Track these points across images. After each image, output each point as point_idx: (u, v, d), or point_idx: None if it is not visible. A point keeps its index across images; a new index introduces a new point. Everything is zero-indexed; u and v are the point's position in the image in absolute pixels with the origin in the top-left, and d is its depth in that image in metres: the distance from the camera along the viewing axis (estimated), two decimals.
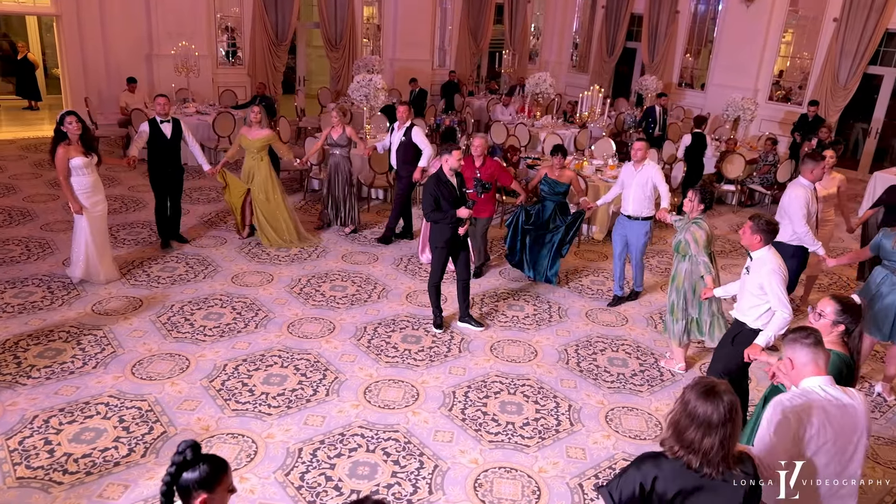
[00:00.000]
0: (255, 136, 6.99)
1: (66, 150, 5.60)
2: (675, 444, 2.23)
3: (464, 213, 5.38)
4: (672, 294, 5.15)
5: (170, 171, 6.80)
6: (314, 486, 3.81)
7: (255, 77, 12.95)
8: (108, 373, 4.77)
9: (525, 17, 16.93)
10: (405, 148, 7.36)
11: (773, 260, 3.99)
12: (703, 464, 2.19)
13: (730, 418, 2.17)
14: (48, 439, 4.04)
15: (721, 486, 2.21)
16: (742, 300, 4.21)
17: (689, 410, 2.21)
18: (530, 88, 11.52)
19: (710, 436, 2.16)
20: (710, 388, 2.22)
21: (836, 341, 3.09)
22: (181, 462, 2.05)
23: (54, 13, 11.00)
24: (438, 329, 5.69)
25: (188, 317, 5.64)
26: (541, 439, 4.38)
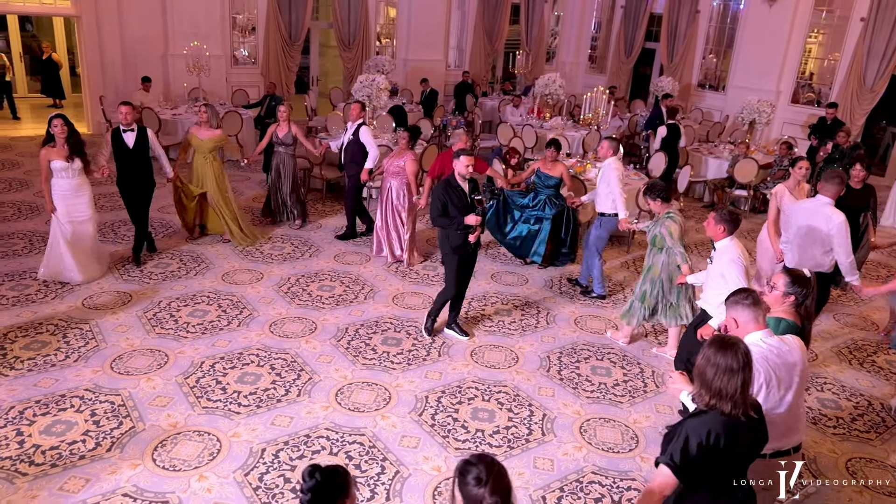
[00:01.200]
0: (205, 137, 6.91)
1: (48, 151, 5.69)
2: (706, 395, 2.51)
3: (472, 219, 5.15)
4: (646, 284, 5.40)
5: (136, 183, 6.40)
6: (271, 488, 3.81)
7: (269, 77, 13.07)
8: (88, 367, 4.85)
9: (542, 18, 16.79)
10: (353, 147, 7.38)
11: (734, 250, 4.27)
12: (731, 407, 2.47)
13: (746, 363, 2.50)
14: (20, 430, 4.12)
15: (745, 426, 2.51)
16: (707, 289, 4.48)
17: (712, 362, 2.50)
18: (539, 89, 11.40)
19: (734, 379, 2.47)
20: (725, 341, 2.55)
21: (788, 311, 3.40)
22: (316, 486, 2.06)
23: (74, 14, 11.25)
24: (428, 335, 5.60)
25: (174, 313, 5.71)
26: (509, 448, 4.32)
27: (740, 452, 2.54)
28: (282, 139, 7.46)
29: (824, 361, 5.77)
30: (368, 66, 12.68)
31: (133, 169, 6.34)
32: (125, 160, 6.30)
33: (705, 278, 4.53)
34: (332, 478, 2.09)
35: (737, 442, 2.50)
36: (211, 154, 6.96)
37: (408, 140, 7.02)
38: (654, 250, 5.34)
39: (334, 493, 2.08)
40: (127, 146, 6.26)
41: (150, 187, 6.52)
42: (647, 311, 5.41)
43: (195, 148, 6.98)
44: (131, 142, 6.27)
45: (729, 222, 4.28)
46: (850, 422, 4.89)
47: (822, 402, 5.13)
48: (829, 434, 4.72)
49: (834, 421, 4.89)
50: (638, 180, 8.27)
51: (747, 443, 2.55)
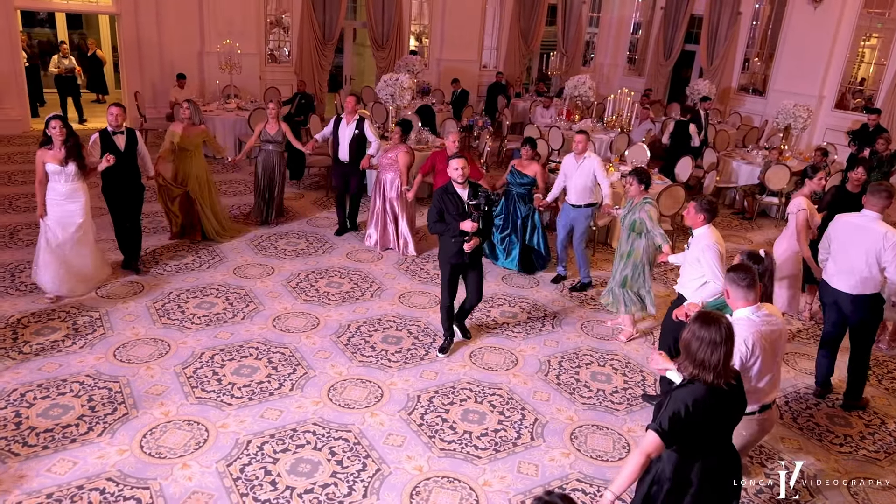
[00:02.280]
0: (192, 133, 6.89)
1: (44, 154, 5.44)
2: (690, 366, 2.72)
3: (467, 226, 4.89)
4: (627, 269, 5.59)
5: (126, 188, 6.17)
6: (251, 479, 3.84)
7: (302, 75, 13.26)
8: (93, 353, 4.98)
9: (579, 19, 16.58)
10: (358, 142, 7.45)
11: (710, 237, 4.45)
12: (714, 377, 2.67)
13: (728, 336, 2.69)
14: (19, 412, 4.26)
15: (727, 395, 2.74)
16: (684, 274, 4.69)
17: (697, 336, 2.70)
18: (569, 91, 11.25)
19: (717, 352, 2.66)
20: (708, 316, 2.75)
21: None
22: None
23: (115, 12, 11.63)
24: (442, 353, 5.31)
25: (182, 304, 5.83)
26: (495, 451, 4.25)
27: (723, 417, 2.79)
28: (272, 136, 7.51)
29: (841, 375, 5.51)
30: (399, 65, 12.74)
31: (124, 172, 6.07)
32: (116, 163, 5.89)
33: (682, 265, 4.77)
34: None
35: (719, 408, 2.74)
36: (196, 149, 6.96)
37: (400, 134, 7.20)
38: (632, 235, 5.53)
39: None
40: (119, 149, 6.01)
41: (141, 190, 6.34)
42: (634, 296, 5.61)
43: (178, 145, 6.87)
44: (122, 144, 6.04)
45: (708, 211, 4.51)
46: (860, 440, 4.66)
47: (832, 419, 4.89)
48: (833, 451, 4.50)
49: (841, 438, 4.66)
50: (661, 184, 8.07)
51: (729, 409, 2.79)
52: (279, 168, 7.70)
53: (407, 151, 7.12)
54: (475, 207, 4.92)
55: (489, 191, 5.00)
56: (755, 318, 3.25)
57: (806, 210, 5.40)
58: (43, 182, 5.51)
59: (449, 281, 5.19)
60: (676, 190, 7.80)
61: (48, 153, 5.45)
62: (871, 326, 4.85)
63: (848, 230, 4.75)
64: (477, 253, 5.13)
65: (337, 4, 13.14)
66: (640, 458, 2.71)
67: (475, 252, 5.08)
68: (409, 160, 7.14)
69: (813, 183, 5.73)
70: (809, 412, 4.97)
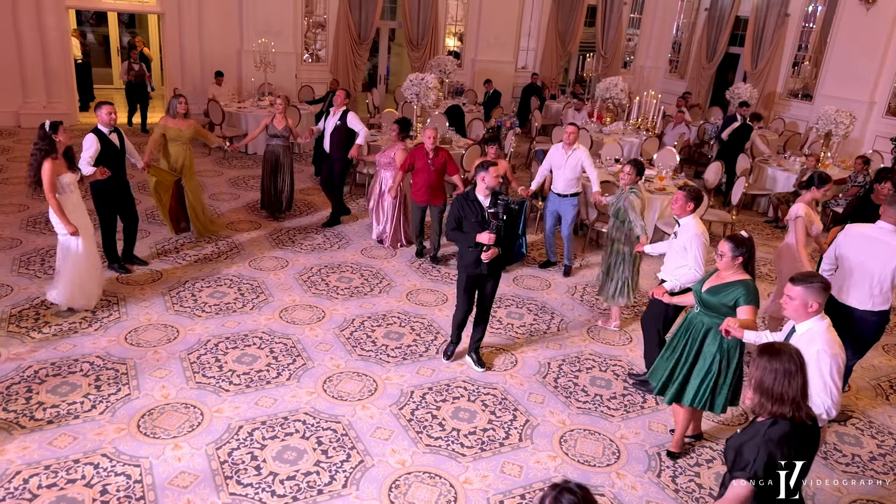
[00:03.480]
0: (184, 127, 6.90)
1: (54, 164, 5.05)
2: (767, 402, 2.51)
3: (484, 237, 4.69)
4: (610, 257, 5.73)
5: (120, 186, 6.11)
6: (237, 463, 3.96)
7: (338, 74, 13.48)
8: (106, 336, 5.20)
9: (620, 20, 16.33)
10: (339, 132, 7.63)
11: (697, 226, 4.61)
12: (793, 410, 2.49)
13: (801, 365, 2.53)
14: (31, 387, 4.48)
15: (807, 427, 2.54)
16: (668, 262, 4.81)
17: (769, 368, 2.52)
18: (600, 93, 11.11)
19: (794, 381, 2.49)
20: (773, 347, 2.58)
21: (740, 271, 3.86)
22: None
23: (159, 11, 12.07)
24: (446, 359, 5.25)
25: (195, 293, 6.02)
26: (480, 450, 4.26)
27: (806, 458, 2.54)
28: (280, 132, 7.65)
29: (857, 394, 5.31)
30: (431, 65, 12.82)
31: (121, 170, 6.05)
32: (115, 161, 5.90)
33: (667, 250, 4.90)
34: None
35: (802, 447, 2.52)
36: (188, 143, 6.98)
37: (398, 132, 7.26)
38: (616, 223, 5.66)
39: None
40: (116, 147, 5.95)
41: (129, 187, 6.32)
42: (621, 284, 5.72)
43: (172, 139, 6.87)
44: (118, 142, 5.99)
45: (697, 199, 4.67)
46: (868, 461, 4.48)
47: (841, 437, 4.72)
48: (838, 471, 4.34)
49: (849, 458, 4.49)
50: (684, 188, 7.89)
51: (810, 447, 2.57)
52: (286, 162, 7.82)
53: (404, 150, 7.20)
54: (493, 216, 4.71)
55: (509, 198, 4.78)
56: (830, 326, 3.19)
57: (804, 217, 5.18)
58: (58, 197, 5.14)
59: (465, 291, 5.00)
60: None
61: (58, 163, 5.11)
62: (869, 344, 4.66)
63: (860, 242, 4.56)
64: (496, 264, 4.90)
65: (373, 5, 13.30)
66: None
67: (494, 263, 4.87)
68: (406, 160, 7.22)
69: (817, 192, 5.41)
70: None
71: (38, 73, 10.98)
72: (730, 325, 3.62)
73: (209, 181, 9.40)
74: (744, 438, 2.61)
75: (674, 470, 4.23)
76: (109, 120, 5.85)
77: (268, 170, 7.86)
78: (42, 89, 11.07)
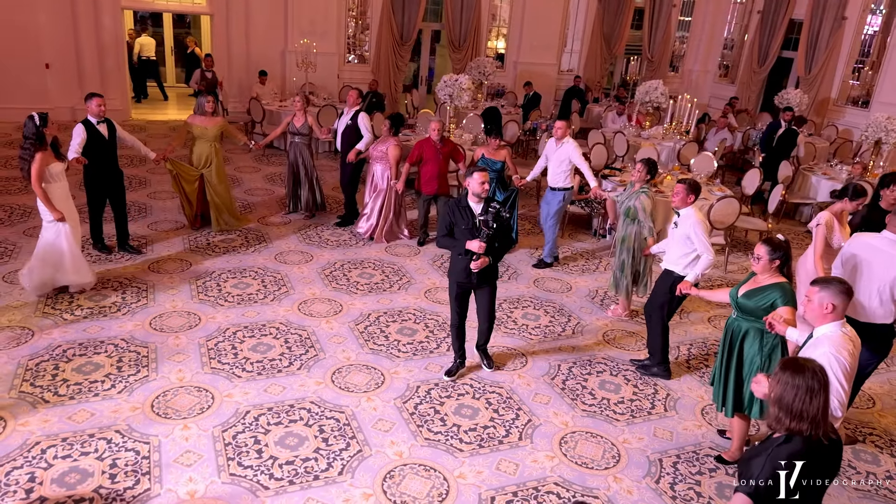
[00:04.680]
0: (209, 124, 7.06)
1: (44, 156, 5.32)
2: (786, 418, 2.47)
3: (474, 245, 4.52)
4: (623, 254, 5.92)
5: (110, 175, 6.38)
6: (240, 446, 4.10)
7: (379, 75, 13.69)
8: (133, 320, 5.46)
9: (668, 23, 16.03)
10: (350, 132, 7.77)
11: (696, 215, 4.88)
12: (811, 428, 2.45)
13: (824, 383, 2.48)
14: (58, 365, 4.75)
15: (827, 449, 2.50)
16: (671, 252, 5.04)
17: (791, 384, 2.47)
18: (639, 97, 10.95)
19: (816, 399, 2.44)
20: (797, 363, 2.54)
21: (776, 274, 3.90)
22: None
23: (209, 12, 12.53)
24: (448, 377, 5.00)
25: (221, 283, 6.25)
26: (478, 447, 4.29)
27: (820, 477, 2.49)
28: (298, 129, 7.79)
29: (881, 411, 5.10)
30: (470, 67, 12.88)
31: (108, 159, 6.30)
32: (102, 151, 6.17)
33: (668, 241, 5.13)
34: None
35: (818, 467, 2.47)
36: (214, 140, 7.11)
37: (389, 127, 7.44)
38: (626, 221, 5.85)
39: None
40: (103, 137, 6.21)
41: (122, 176, 6.57)
42: (631, 279, 5.93)
43: (198, 136, 7.08)
44: (106, 132, 6.24)
45: (697, 191, 4.95)
46: (883, 479, 4.30)
47: (857, 454, 4.54)
48: (849, 487, 4.19)
49: (863, 475, 4.33)
50: (720, 195, 7.72)
51: (828, 467, 2.52)
52: (307, 160, 7.96)
53: (396, 145, 7.39)
54: (483, 224, 4.53)
55: (500, 209, 4.55)
56: (846, 331, 3.15)
57: (824, 226, 4.98)
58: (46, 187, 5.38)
59: (455, 299, 4.86)
60: (733, 202, 7.44)
61: (48, 155, 5.38)
62: (875, 362, 4.46)
63: (864, 251, 4.39)
64: (486, 274, 4.71)
65: (416, 6, 13.46)
66: None
67: (484, 273, 4.68)
68: (399, 153, 7.41)
69: (849, 204, 5.15)
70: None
71: (95, 71, 11.56)
72: (775, 319, 3.66)
73: (247, 177, 9.71)
74: (755, 452, 2.60)
75: (674, 477, 4.16)
76: (99, 111, 6.14)
77: (290, 167, 8.04)
78: (97, 86, 11.62)
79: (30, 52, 10.99)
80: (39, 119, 5.32)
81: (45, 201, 5.38)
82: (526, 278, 6.97)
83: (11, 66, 10.81)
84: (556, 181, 7.03)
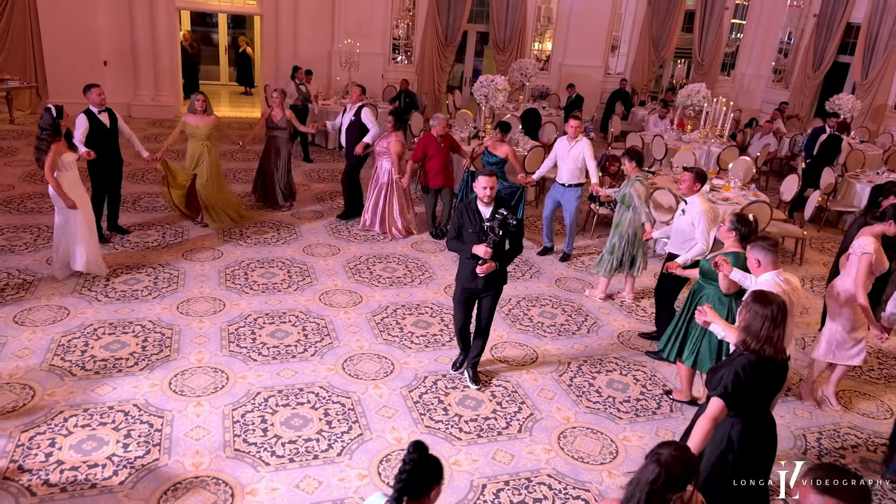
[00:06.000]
0: (200, 123, 7.08)
1: (58, 146, 5.58)
2: (752, 341, 3.01)
3: (480, 250, 4.44)
4: (615, 238, 6.25)
5: (111, 162, 6.62)
6: (248, 424, 4.29)
7: (423, 75, 13.88)
8: (161, 304, 5.75)
9: (720, 26, 15.66)
10: (355, 128, 7.84)
11: (702, 203, 5.19)
12: (770, 349, 2.99)
13: (784, 315, 3.02)
14: (88, 342, 5.06)
15: (781, 368, 3.08)
16: (675, 237, 5.39)
17: (760, 314, 3.00)
18: (681, 100, 10.76)
19: (778, 328, 2.98)
20: (765, 296, 3.08)
21: (736, 244, 4.37)
22: (416, 460, 2.11)
23: (259, 12, 12.97)
24: (454, 370, 5.08)
25: (248, 272, 6.50)
26: (477, 436, 4.36)
27: (771, 387, 3.10)
28: (277, 123, 7.89)
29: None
30: (512, 69, 12.91)
31: (110, 148, 6.52)
32: (103, 140, 6.38)
33: (674, 227, 5.46)
34: (434, 462, 2.17)
35: (770, 378, 3.05)
36: (208, 140, 7.15)
37: (394, 122, 7.53)
38: (622, 208, 6.18)
39: (430, 477, 2.15)
40: (105, 126, 6.44)
41: (121, 163, 6.84)
42: (616, 263, 6.25)
43: (190, 135, 7.13)
44: (107, 121, 6.48)
45: (703, 179, 5.26)
46: (892, 490, 4.15)
47: (866, 463, 4.40)
48: None
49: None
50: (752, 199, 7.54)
51: (777, 380, 3.09)
52: (283, 153, 8.04)
53: (398, 140, 7.51)
54: (490, 229, 4.41)
55: (507, 215, 4.39)
56: (779, 280, 3.69)
57: (871, 254, 4.53)
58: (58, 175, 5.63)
59: (460, 302, 4.82)
60: (763, 207, 7.27)
61: (62, 145, 5.66)
62: None
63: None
64: (493, 279, 4.63)
65: (461, 8, 13.59)
66: (708, 424, 2.98)
67: (491, 278, 4.61)
68: (401, 148, 7.52)
69: (892, 227, 4.70)
70: (842, 451, 4.51)
71: (149, 69, 12.13)
72: (721, 260, 4.18)
73: None
74: (720, 366, 3.18)
75: None
76: (99, 100, 6.40)
77: (266, 159, 8.09)
78: (151, 83, 12.22)
79: (90, 50, 11.63)
80: (56, 111, 5.57)
81: (57, 190, 5.62)
82: (548, 277, 6.99)
83: (73, 63, 11.46)
84: (572, 179, 7.15)
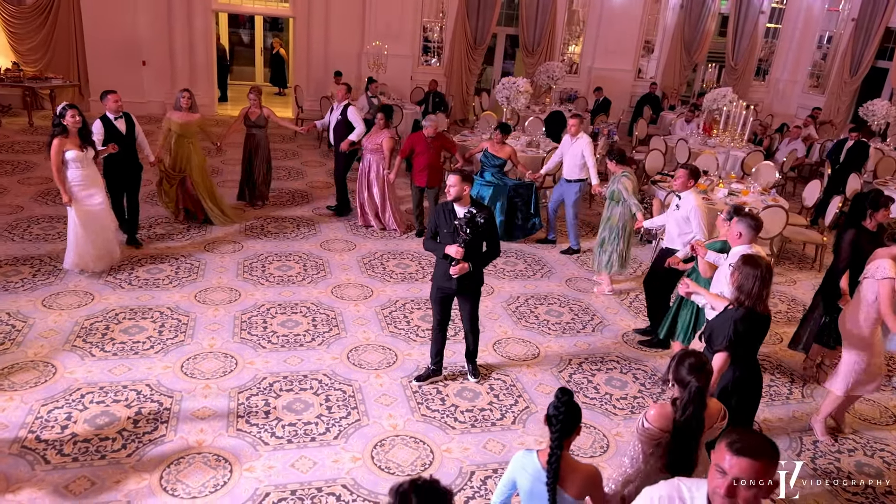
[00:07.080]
0: (186, 121, 7.13)
1: (62, 142, 5.68)
2: (745, 298, 3.45)
3: (452, 250, 4.43)
4: (604, 232, 6.51)
5: (127, 168, 6.61)
6: (251, 407, 4.49)
7: (451, 77, 14.04)
8: (181, 292, 6.02)
9: (754, 30, 15.43)
10: (342, 126, 8.03)
11: (695, 199, 5.38)
12: (758, 304, 3.44)
13: (770, 275, 3.47)
14: (109, 326, 5.34)
15: (764, 319, 3.53)
16: (671, 230, 5.54)
17: (752, 274, 3.41)
18: (707, 105, 10.67)
19: (766, 286, 3.44)
20: (752, 259, 3.52)
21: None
22: (567, 402, 2.77)
23: (291, 15, 13.32)
24: (417, 381, 4.89)
25: (265, 264, 6.73)
26: (471, 426, 4.48)
27: (760, 336, 3.56)
28: (254, 122, 7.94)
29: None
30: (539, 72, 12.97)
31: (125, 154, 6.51)
32: (119, 145, 6.35)
33: (667, 221, 5.60)
34: (576, 404, 2.80)
35: (759, 329, 3.52)
36: (193, 137, 7.24)
37: (384, 120, 7.71)
38: (611, 203, 6.44)
39: (579, 415, 2.81)
40: (120, 132, 6.45)
41: (139, 169, 6.79)
42: (608, 258, 6.49)
43: (176, 132, 7.16)
44: (123, 128, 6.49)
45: (696, 176, 5.50)
46: (884, 494, 4.12)
47: (859, 467, 4.36)
48: (842, 498, 4.05)
49: (859, 488, 4.16)
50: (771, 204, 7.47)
51: (764, 331, 3.55)
52: (262, 152, 8.11)
53: (390, 137, 7.70)
54: (459, 227, 4.42)
55: (476, 214, 4.38)
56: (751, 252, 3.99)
57: (893, 279, 4.26)
58: (61, 170, 5.74)
59: (436, 301, 4.81)
60: (779, 212, 7.20)
61: (66, 141, 5.71)
62: None
63: None
64: (467, 280, 4.61)
65: (491, 11, 13.72)
66: (715, 375, 3.26)
67: (466, 279, 4.59)
68: (392, 145, 7.72)
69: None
70: (837, 454, 4.48)
71: (185, 69, 12.59)
72: (696, 243, 4.58)
73: (311, 170, 10.29)
74: (715, 323, 3.60)
75: None
76: (116, 107, 6.44)
77: (245, 157, 8.16)
78: (187, 83, 12.64)
79: (130, 50, 12.12)
80: (62, 109, 5.75)
81: (58, 183, 5.77)
82: (559, 277, 7.05)
83: (114, 63, 11.95)
84: (572, 174, 7.51)
